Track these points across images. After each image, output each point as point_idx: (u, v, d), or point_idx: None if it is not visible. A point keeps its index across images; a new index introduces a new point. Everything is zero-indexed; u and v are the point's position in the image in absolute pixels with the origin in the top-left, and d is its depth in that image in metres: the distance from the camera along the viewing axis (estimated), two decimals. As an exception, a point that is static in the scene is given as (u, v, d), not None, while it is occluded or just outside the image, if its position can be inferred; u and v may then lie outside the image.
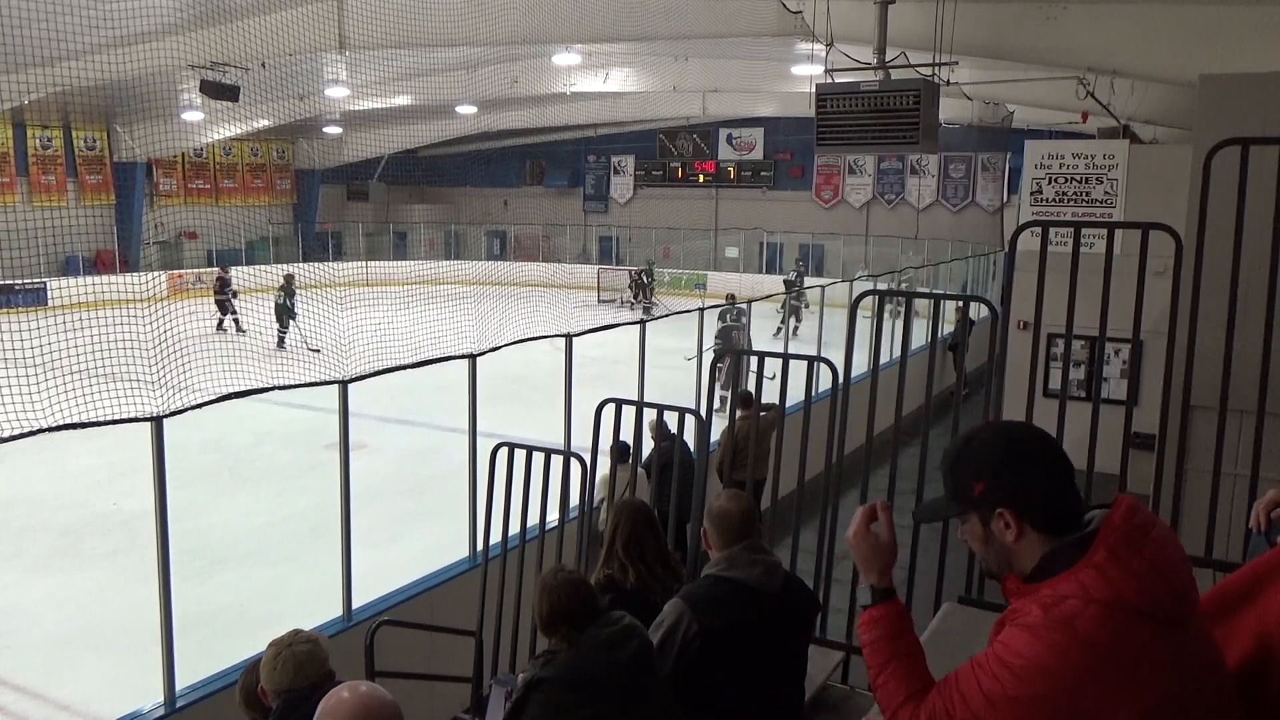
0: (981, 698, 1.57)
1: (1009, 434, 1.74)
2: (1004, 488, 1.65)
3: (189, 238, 28.76)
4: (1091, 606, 1.52)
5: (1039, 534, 1.63)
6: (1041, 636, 1.53)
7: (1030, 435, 1.73)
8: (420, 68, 16.82)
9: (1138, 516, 1.59)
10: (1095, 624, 1.51)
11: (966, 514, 1.70)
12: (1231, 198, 3.43)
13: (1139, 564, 1.53)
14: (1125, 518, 1.58)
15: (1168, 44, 9.29)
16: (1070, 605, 1.53)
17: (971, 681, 1.60)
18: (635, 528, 3.41)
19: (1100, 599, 1.52)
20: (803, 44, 11.57)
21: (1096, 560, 1.55)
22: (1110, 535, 1.57)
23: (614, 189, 35.48)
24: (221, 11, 12.40)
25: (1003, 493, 1.65)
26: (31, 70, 12.49)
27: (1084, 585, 1.54)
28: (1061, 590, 1.56)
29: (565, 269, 32.62)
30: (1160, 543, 1.57)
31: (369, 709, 2.00)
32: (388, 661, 4.79)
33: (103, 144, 26.87)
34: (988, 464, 1.67)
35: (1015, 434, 1.74)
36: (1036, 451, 1.68)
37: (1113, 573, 1.53)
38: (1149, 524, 1.59)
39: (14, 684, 6.39)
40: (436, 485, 9.64)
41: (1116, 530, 1.57)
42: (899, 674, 1.77)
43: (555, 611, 2.68)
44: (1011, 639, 1.58)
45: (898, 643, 1.81)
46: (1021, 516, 1.63)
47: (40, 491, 9.99)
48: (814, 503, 4.55)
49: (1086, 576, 1.54)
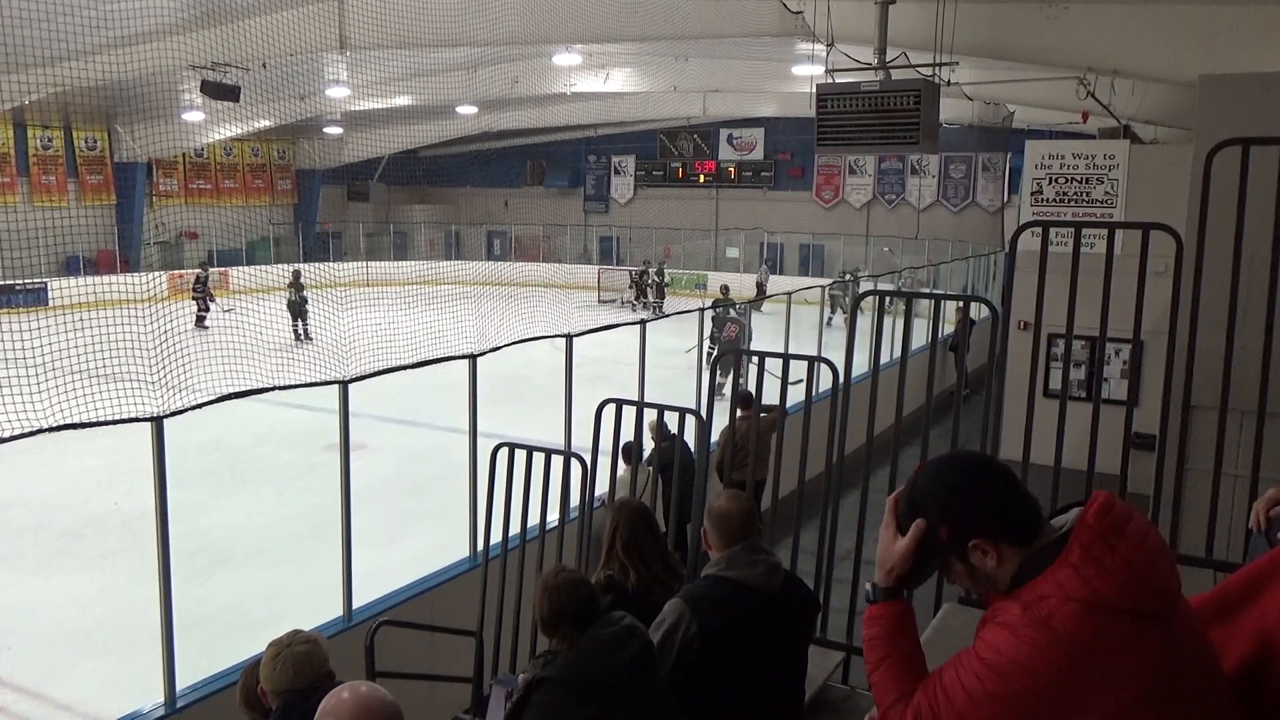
0: (964, 695, 1.59)
1: (944, 471, 1.76)
2: (968, 522, 1.67)
3: (190, 238, 28.79)
4: (1068, 605, 1.54)
5: (1015, 548, 1.66)
6: (1020, 634, 1.55)
7: (965, 462, 1.78)
8: (421, 68, 16.85)
9: (1111, 513, 1.60)
10: (1072, 622, 1.53)
11: (945, 561, 1.73)
12: (1232, 198, 3.43)
13: (1113, 561, 1.55)
14: (1098, 515, 1.59)
15: (1168, 44, 9.29)
16: (1048, 604, 1.55)
17: (954, 679, 1.62)
18: (635, 529, 3.41)
19: (1076, 597, 1.54)
20: (803, 44, 11.56)
21: (1072, 559, 1.57)
22: (1084, 534, 1.58)
23: (614, 189, 35.48)
24: (222, 12, 12.41)
25: (969, 526, 1.67)
26: (32, 70, 12.50)
27: (1060, 585, 1.56)
28: (1040, 590, 1.58)
29: (565, 269, 32.63)
30: (1136, 537, 1.58)
31: (369, 709, 2.01)
32: (388, 662, 4.78)
33: (103, 144, 26.88)
34: (941, 507, 1.70)
35: (950, 468, 1.77)
36: (979, 474, 1.71)
37: (1087, 571, 1.55)
38: (1123, 519, 1.60)
39: (14, 684, 6.39)
40: (437, 485, 9.65)
41: (1090, 529, 1.58)
42: (893, 673, 1.78)
43: (556, 611, 2.68)
44: (992, 636, 1.60)
45: (896, 641, 1.81)
46: (996, 541, 1.66)
47: (40, 491, 10.00)
48: (814, 503, 4.55)
49: (1063, 576, 1.57)
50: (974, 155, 27.95)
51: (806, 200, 31.76)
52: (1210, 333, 3.56)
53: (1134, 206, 9.76)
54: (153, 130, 24.08)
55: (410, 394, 11.30)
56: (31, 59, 11.38)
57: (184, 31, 12.81)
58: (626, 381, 7.81)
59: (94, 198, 26.60)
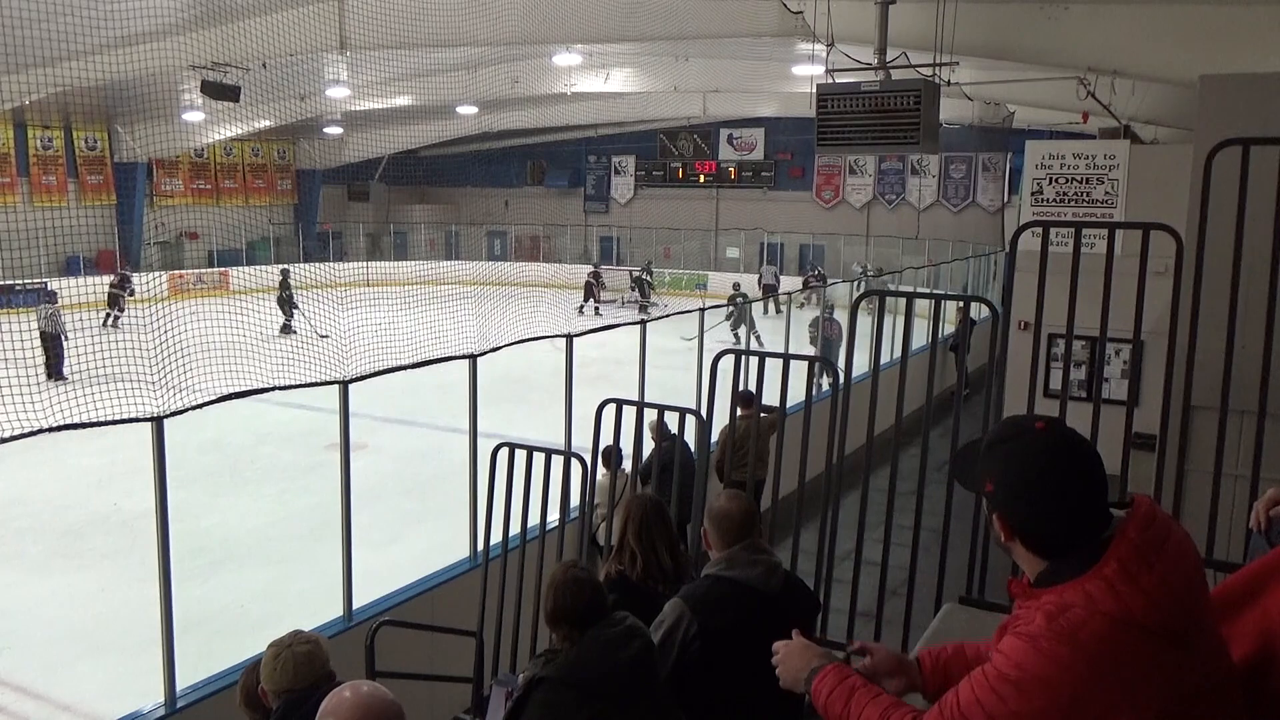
0: (983, 715, 1.54)
1: (1042, 451, 1.62)
2: (1003, 500, 1.64)
3: (190, 238, 28.81)
4: (1096, 619, 1.48)
5: (1029, 551, 1.63)
6: (1042, 648, 1.50)
7: (1058, 461, 1.61)
8: (421, 68, 16.83)
9: (1153, 527, 1.54)
10: (1098, 637, 1.48)
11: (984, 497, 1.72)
12: (1232, 198, 3.43)
13: (1149, 580, 1.49)
14: (1140, 529, 1.54)
15: (1168, 44, 9.28)
16: (1074, 615, 1.50)
17: (971, 699, 1.57)
18: (645, 516, 3.41)
19: (1106, 612, 1.48)
20: (803, 44, 11.56)
21: (1106, 572, 1.51)
22: (1123, 548, 1.52)
23: (615, 189, 35.48)
24: (223, 12, 12.40)
25: (1000, 504, 1.65)
26: (33, 70, 12.50)
27: (1091, 596, 1.50)
28: (1067, 599, 1.52)
29: (566, 269, 32.61)
30: (1175, 556, 1.53)
31: (370, 709, 2.01)
32: (388, 662, 4.78)
33: (104, 144, 26.88)
34: (1002, 471, 1.64)
35: (1047, 454, 1.62)
36: (1053, 481, 1.59)
37: (1122, 587, 1.49)
38: (1164, 535, 1.55)
39: (14, 684, 6.39)
40: (437, 485, 9.64)
41: (1130, 544, 1.52)
42: (866, 695, 1.76)
43: (560, 610, 2.68)
44: (1011, 650, 1.55)
45: (849, 678, 1.81)
46: (1011, 530, 1.64)
47: (41, 492, 10.00)
48: (814, 503, 4.55)
49: (1095, 588, 1.51)
50: (974, 155, 27.95)
51: (806, 200, 31.76)
52: (1210, 333, 3.55)
53: (1134, 207, 9.73)
54: (153, 130, 24.07)
55: (410, 394, 11.30)
56: (31, 59, 11.37)
57: (184, 31, 12.80)
58: (627, 381, 7.82)
59: (94, 198, 26.59)
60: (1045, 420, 1.69)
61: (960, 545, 3.93)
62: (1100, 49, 9.84)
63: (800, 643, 1.93)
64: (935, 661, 1.98)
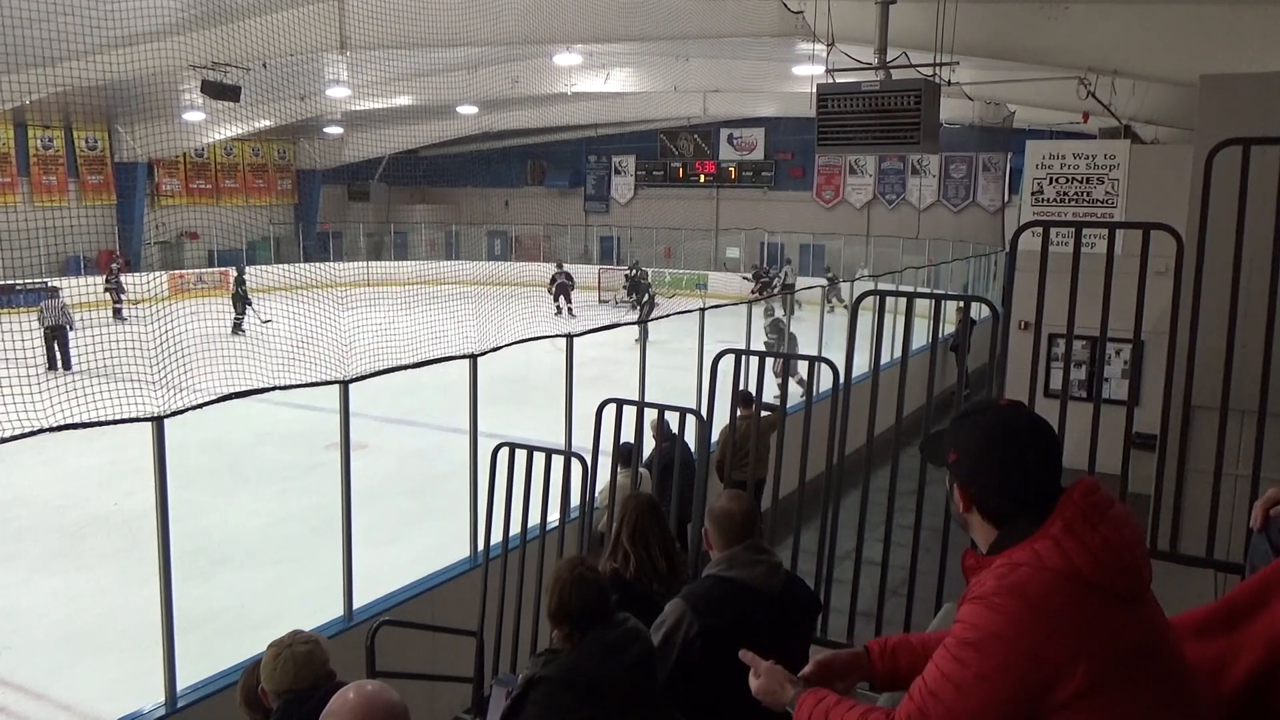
0: (951, 687, 1.57)
1: (1003, 423, 1.74)
2: (965, 468, 1.73)
3: (191, 238, 28.81)
4: (1044, 574, 1.55)
5: (984, 520, 1.70)
6: (995, 604, 1.56)
7: (1017, 432, 1.72)
8: (421, 68, 16.85)
9: (1096, 495, 1.62)
10: (1047, 590, 1.54)
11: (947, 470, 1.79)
12: (1233, 198, 3.43)
13: (1093, 539, 1.56)
14: (1084, 494, 1.62)
15: (1169, 44, 9.28)
16: (1023, 572, 1.56)
17: (936, 674, 1.61)
18: (640, 517, 3.42)
19: (1053, 567, 1.55)
20: (804, 44, 11.56)
21: (1053, 531, 1.59)
22: (1068, 509, 1.60)
23: (615, 189, 35.48)
24: (223, 12, 12.41)
25: (962, 473, 1.73)
26: (33, 70, 12.51)
27: (1038, 554, 1.57)
28: (1015, 558, 1.59)
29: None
30: (1117, 521, 1.60)
31: (374, 708, 2.00)
32: (389, 661, 4.78)
33: (104, 144, 26.89)
34: (965, 440, 1.74)
35: (1007, 425, 1.74)
36: (1012, 450, 1.70)
37: (1068, 544, 1.56)
38: (1107, 503, 1.62)
39: (14, 684, 6.39)
40: (437, 485, 9.64)
41: (1074, 505, 1.60)
42: (840, 710, 1.77)
43: (564, 608, 2.68)
44: (967, 614, 1.60)
45: (824, 699, 1.82)
46: (970, 499, 1.71)
47: (41, 491, 10.00)
48: (815, 503, 4.55)
49: (1042, 546, 1.58)
50: (974, 155, 27.95)
51: (807, 200, 31.76)
52: (1211, 333, 3.55)
53: (1134, 206, 9.73)
54: (153, 130, 24.08)
55: (410, 394, 11.31)
56: (31, 59, 11.38)
57: (184, 31, 12.81)
58: (627, 381, 7.82)
59: (94, 198, 26.60)
60: (1009, 400, 1.86)
61: (959, 545, 3.93)
62: (1100, 49, 9.84)
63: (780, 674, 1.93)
64: (882, 648, 2.06)
